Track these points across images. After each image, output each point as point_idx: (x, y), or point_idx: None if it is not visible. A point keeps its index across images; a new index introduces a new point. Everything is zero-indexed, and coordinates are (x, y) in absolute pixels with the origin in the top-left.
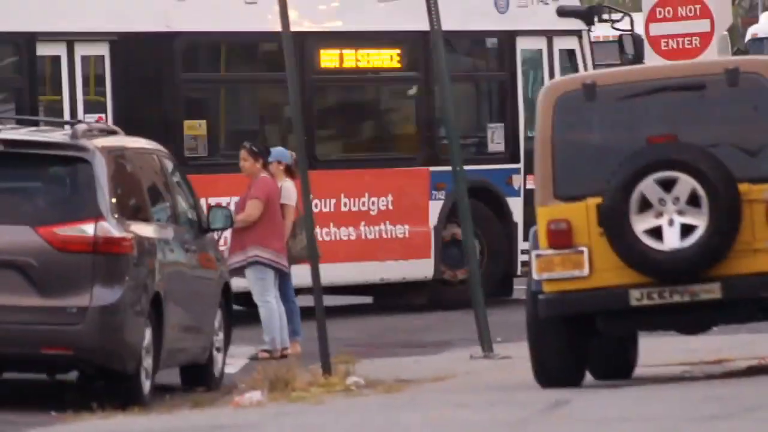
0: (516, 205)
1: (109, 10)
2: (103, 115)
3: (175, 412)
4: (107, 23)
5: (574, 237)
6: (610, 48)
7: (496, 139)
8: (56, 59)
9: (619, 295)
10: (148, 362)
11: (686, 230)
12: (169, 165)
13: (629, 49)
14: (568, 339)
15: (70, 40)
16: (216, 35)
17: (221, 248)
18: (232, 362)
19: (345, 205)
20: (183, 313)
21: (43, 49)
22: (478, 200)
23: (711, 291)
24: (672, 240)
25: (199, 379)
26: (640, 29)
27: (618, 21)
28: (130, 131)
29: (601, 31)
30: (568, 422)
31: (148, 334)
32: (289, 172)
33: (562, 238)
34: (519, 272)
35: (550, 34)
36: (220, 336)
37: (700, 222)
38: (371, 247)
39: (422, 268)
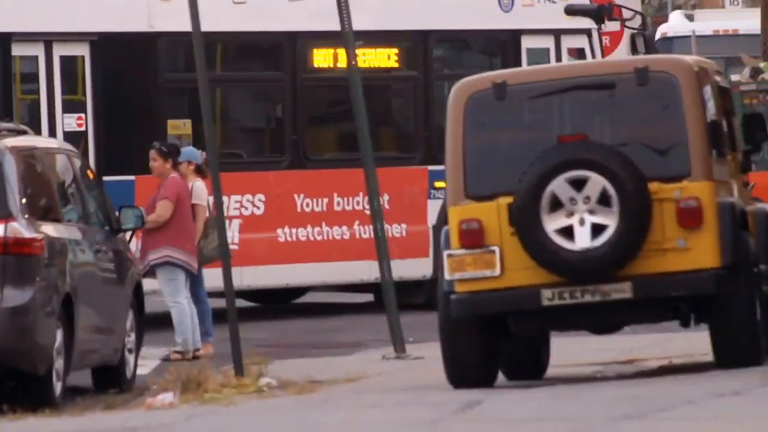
0: None
1: (89, 10)
2: (83, 115)
3: (87, 414)
4: (87, 23)
5: (485, 237)
6: None
7: None
8: (33, 59)
9: (531, 295)
10: (59, 364)
11: (597, 229)
12: (80, 165)
13: (641, 48)
14: (481, 339)
15: (48, 40)
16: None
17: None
18: (145, 363)
19: (338, 204)
20: (94, 314)
21: (19, 50)
22: None
23: (622, 290)
24: (583, 239)
25: (112, 381)
26: None
27: (629, 20)
28: (112, 130)
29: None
30: (481, 422)
31: (59, 335)
32: (200, 171)
33: (473, 237)
34: None
35: (557, 33)
36: (132, 337)
37: (611, 221)
38: (367, 246)
39: (421, 267)
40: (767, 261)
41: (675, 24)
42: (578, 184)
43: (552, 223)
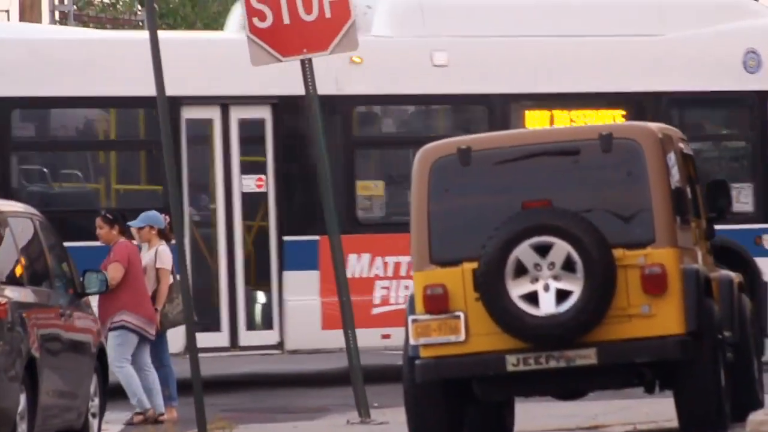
0: (766, 265)
1: (270, 73)
2: (263, 176)
3: None
4: (268, 87)
5: (450, 302)
6: None
7: (742, 198)
8: (206, 122)
9: (496, 361)
10: (22, 428)
11: (562, 295)
12: (44, 228)
13: None
14: (446, 404)
15: (225, 103)
16: (391, 98)
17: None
18: (108, 428)
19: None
20: (58, 378)
21: (191, 113)
22: (722, 260)
23: (587, 356)
24: (548, 305)
25: None
26: None
27: None
28: (295, 192)
29: None
30: None
31: (22, 399)
32: (163, 235)
33: (438, 303)
34: None
35: None
36: (96, 401)
37: (576, 287)
38: None
39: None
40: (731, 327)
41: None
42: (543, 250)
43: (517, 289)
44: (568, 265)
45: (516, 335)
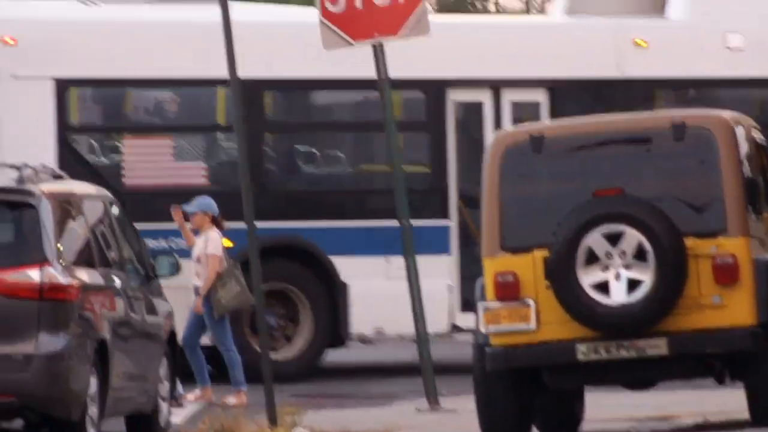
0: None
1: (547, 56)
2: None
3: None
4: (544, 69)
5: (521, 289)
6: None
7: None
8: (477, 105)
9: (566, 349)
10: (93, 410)
11: (633, 284)
12: (116, 211)
13: None
14: (515, 392)
15: (496, 86)
16: (685, 82)
17: None
18: (177, 411)
19: None
20: (129, 361)
21: (459, 95)
22: None
23: (657, 346)
24: (618, 294)
25: (145, 428)
26: None
27: None
28: None
29: None
30: None
31: (93, 382)
32: (215, 222)
33: (509, 290)
34: None
35: None
36: (166, 385)
37: (647, 276)
38: None
39: None
40: None
41: None
42: (614, 239)
43: (588, 278)
44: (640, 254)
45: (586, 324)
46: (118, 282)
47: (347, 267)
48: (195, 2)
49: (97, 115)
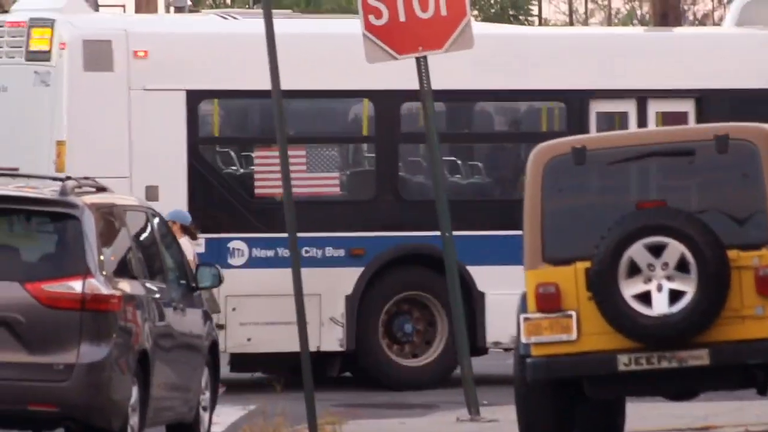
0: None
1: (696, 67)
2: None
3: None
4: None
5: (562, 301)
6: None
7: None
8: (622, 115)
9: (607, 360)
10: (134, 420)
11: (675, 296)
12: (157, 223)
13: None
14: (556, 403)
15: (642, 96)
16: None
17: None
18: (219, 421)
19: None
20: (170, 371)
21: (602, 106)
22: None
23: (699, 357)
24: (661, 305)
25: None
26: None
27: None
28: None
29: None
30: None
31: (134, 392)
32: (187, 231)
33: (550, 301)
34: None
35: None
36: (207, 395)
37: (689, 288)
38: None
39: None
40: None
41: None
42: (656, 251)
43: (630, 289)
44: (682, 266)
45: (628, 335)
46: (159, 293)
47: (484, 276)
48: (325, 16)
49: (228, 126)
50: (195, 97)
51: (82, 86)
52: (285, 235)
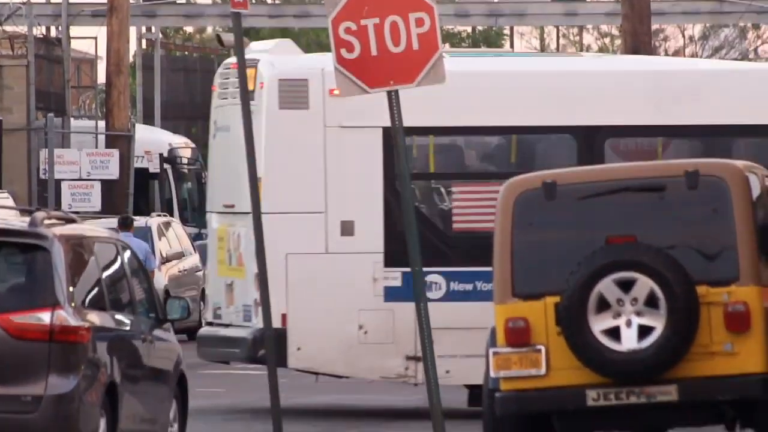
0: None
1: None
2: None
3: None
4: None
5: (531, 335)
6: None
7: None
8: None
9: (576, 395)
10: None
11: (644, 331)
12: (127, 254)
13: None
14: None
15: None
16: None
17: None
18: None
19: None
20: (138, 403)
21: None
22: None
23: (667, 393)
24: (630, 341)
25: None
26: None
27: None
28: None
29: None
30: None
31: (102, 424)
32: None
33: (519, 336)
34: None
35: None
36: (175, 428)
37: (658, 323)
38: None
39: None
40: None
41: None
42: (626, 286)
43: (599, 324)
44: (651, 301)
45: (597, 370)
46: (128, 324)
47: None
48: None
49: (425, 162)
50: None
51: (279, 124)
52: (483, 268)
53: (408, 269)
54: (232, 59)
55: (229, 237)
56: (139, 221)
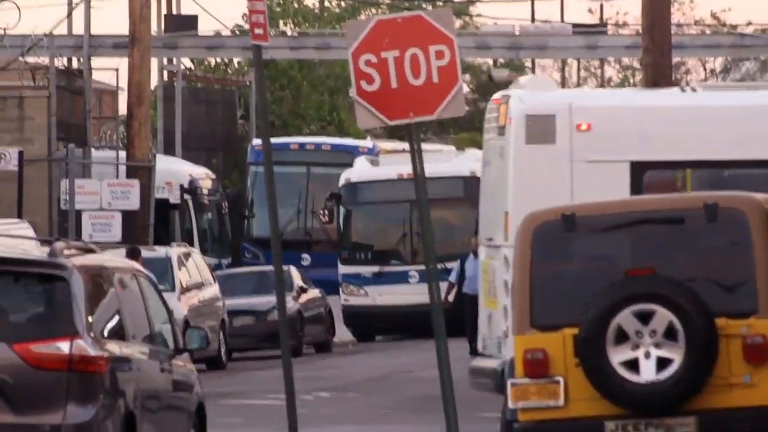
0: None
1: None
2: None
3: None
4: None
5: (550, 367)
6: None
7: None
8: None
9: (594, 427)
10: None
11: (662, 363)
12: (146, 284)
13: None
14: None
15: None
16: None
17: None
18: None
19: None
20: (155, 430)
21: None
22: None
23: (686, 425)
24: (648, 372)
25: None
26: None
27: None
28: None
29: None
30: None
31: None
32: None
33: (538, 367)
34: None
35: None
36: None
37: (677, 355)
38: None
39: None
40: None
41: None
42: (645, 318)
43: (617, 356)
44: (670, 333)
45: (615, 402)
46: (147, 354)
47: None
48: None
49: None
50: (639, 168)
51: (526, 159)
52: None
53: None
54: (497, 95)
55: (489, 270)
56: (159, 251)
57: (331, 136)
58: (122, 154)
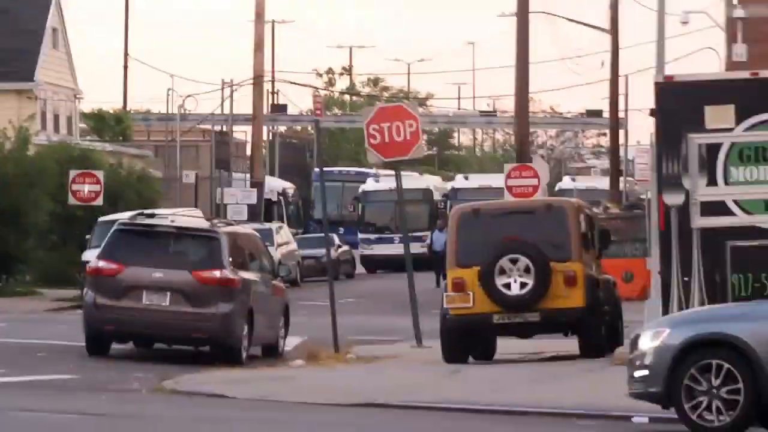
0: None
1: None
2: None
3: (258, 369)
4: None
5: (465, 286)
6: None
7: None
8: None
9: (487, 317)
10: (244, 344)
11: (522, 285)
12: (259, 241)
13: None
14: (461, 339)
15: None
16: None
17: None
18: (288, 345)
19: None
20: (264, 316)
21: None
22: None
23: (534, 316)
24: (516, 290)
25: (272, 353)
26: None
27: None
28: None
29: None
30: (462, 381)
31: (245, 329)
32: None
33: (459, 286)
34: None
35: None
36: (282, 332)
37: (530, 281)
38: None
39: None
40: (607, 304)
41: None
42: (514, 261)
43: (499, 281)
44: (527, 270)
45: (498, 305)
46: (259, 277)
47: None
48: None
49: None
50: None
51: None
52: None
53: None
54: None
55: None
56: (266, 225)
57: (355, 167)
58: (247, 175)
